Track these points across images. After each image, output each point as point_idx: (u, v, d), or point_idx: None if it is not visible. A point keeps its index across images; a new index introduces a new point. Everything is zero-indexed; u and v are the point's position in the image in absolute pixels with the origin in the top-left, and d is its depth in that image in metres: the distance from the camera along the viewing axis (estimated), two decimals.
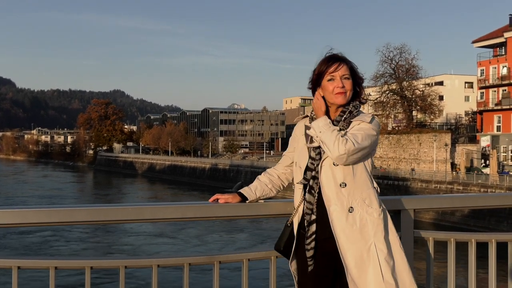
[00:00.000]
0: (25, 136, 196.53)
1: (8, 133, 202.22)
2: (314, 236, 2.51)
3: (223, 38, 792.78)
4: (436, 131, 55.70)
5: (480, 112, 57.16)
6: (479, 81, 58.16)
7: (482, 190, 39.13)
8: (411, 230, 3.00)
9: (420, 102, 58.37)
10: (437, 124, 66.53)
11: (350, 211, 2.47)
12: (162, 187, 73.45)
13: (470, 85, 77.36)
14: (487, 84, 56.09)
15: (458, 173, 46.49)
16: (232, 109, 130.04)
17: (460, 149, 53.09)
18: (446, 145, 51.59)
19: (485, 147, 52.16)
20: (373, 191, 2.55)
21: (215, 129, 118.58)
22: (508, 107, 52.06)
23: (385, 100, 58.79)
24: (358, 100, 2.66)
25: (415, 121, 61.00)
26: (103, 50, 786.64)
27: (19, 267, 2.46)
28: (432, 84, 66.14)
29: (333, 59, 2.60)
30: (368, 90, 61.07)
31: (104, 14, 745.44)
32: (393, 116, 62.25)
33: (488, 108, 55.00)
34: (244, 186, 2.79)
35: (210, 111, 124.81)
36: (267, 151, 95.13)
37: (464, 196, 3.84)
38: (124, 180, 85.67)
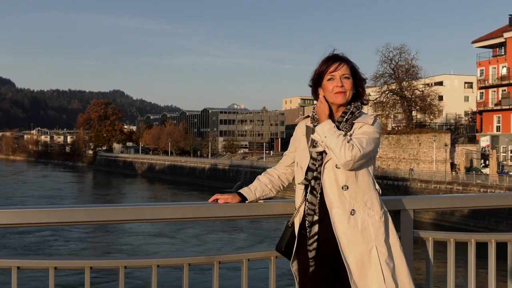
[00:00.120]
0: (25, 136, 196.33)
1: (8, 133, 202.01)
2: (317, 237, 2.51)
3: (223, 38, 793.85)
4: (436, 131, 55.66)
5: (480, 112, 57.17)
6: (479, 81, 58.16)
7: (482, 190, 39.12)
8: (411, 230, 3.00)
9: (420, 102, 58.32)
10: (437, 124, 66.50)
11: (352, 214, 2.47)
12: (162, 187, 73.42)
13: (470, 85, 77.34)
14: (487, 84, 56.10)
15: (458, 173, 46.47)
16: (232, 109, 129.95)
17: (460, 149, 53.08)
18: (446, 145, 51.56)
19: (485, 147, 52.16)
20: (375, 193, 2.55)
21: (215, 129, 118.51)
22: (508, 107, 52.07)
23: (385, 100, 58.75)
24: (360, 101, 2.66)
25: (415, 121, 60.95)
26: (103, 50, 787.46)
27: (19, 267, 2.45)
28: (432, 84, 66.10)
29: (333, 59, 2.60)
30: (368, 90, 60.25)
31: (104, 14, 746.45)
32: (393, 116, 62.19)
33: (488, 108, 55.01)
34: (244, 186, 2.79)
35: (210, 111, 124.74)
36: (267, 151, 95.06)
37: (464, 196, 3.84)
38: (124, 180, 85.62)
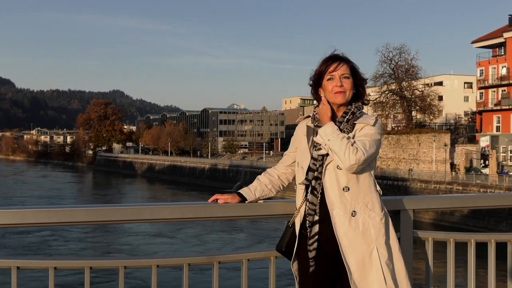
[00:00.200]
0: (25, 136, 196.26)
1: (8, 133, 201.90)
2: (317, 237, 2.51)
3: (223, 38, 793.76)
4: (436, 132, 55.66)
5: (480, 112, 57.17)
6: (479, 81, 58.17)
7: (482, 190, 39.12)
8: (411, 230, 3.00)
9: (420, 103, 58.31)
10: (437, 125, 66.46)
11: (353, 215, 2.47)
12: (162, 187, 73.39)
13: (470, 85, 77.30)
14: (487, 85, 56.10)
15: (458, 174, 46.46)
16: (232, 109, 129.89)
17: (460, 149, 53.09)
18: (446, 145, 51.56)
19: (485, 147, 52.16)
20: (376, 195, 2.55)
21: (215, 129, 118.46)
22: (508, 107, 52.08)
23: (385, 101, 58.73)
24: (361, 101, 2.65)
25: (415, 122, 60.93)
26: (103, 50, 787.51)
27: (19, 268, 2.45)
28: (432, 84, 66.05)
29: (333, 59, 2.59)
30: (368, 90, 59.24)
31: (104, 14, 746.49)
32: (393, 117, 62.18)
33: (488, 109, 55.02)
34: (244, 186, 2.78)
35: (210, 111, 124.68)
36: (267, 151, 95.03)
37: (464, 197, 3.84)
38: (124, 180, 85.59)
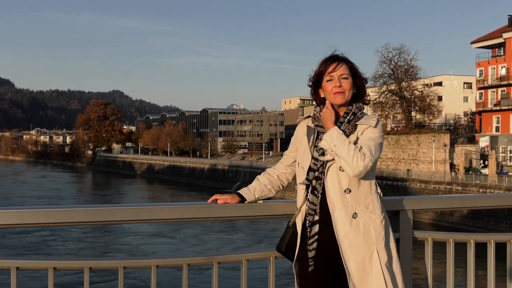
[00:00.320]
0: (24, 137, 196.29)
1: (7, 134, 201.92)
2: (317, 237, 2.51)
3: (223, 39, 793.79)
4: (435, 132, 55.66)
5: (479, 113, 57.19)
6: (478, 82, 58.17)
7: (481, 191, 39.13)
8: (410, 231, 2.99)
9: (419, 103, 58.33)
10: (436, 125, 66.48)
11: (354, 217, 2.47)
12: (161, 188, 73.38)
13: (469, 86, 77.34)
14: (486, 85, 56.11)
15: (457, 174, 46.46)
16: (231, 110, 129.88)
17: (459, 150, 53.10)
18: (445, 146, 51.56)
19: (484, 148, 52.15)
20: (376, 197, 2.55)
21: (214, 130, 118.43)
22: (507, 108, 52.10)
23: (384, 101, 58.76)
24: (362, 101, 2.65)
25: (414, 122, 60.98)
26: (103, 50, 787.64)
27: (18, 268, 2.45)
28: (431, 85, 66.09)
29: (332, 59, 2.59)
30: (367, 91, 60.57)
31: (104, 14, 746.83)
32: (392, 117, 62.18)
33: (487, 109, 55.03)
34: (243, 187, 2.78)
35: (209, 112, 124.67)
36: (266, 152, 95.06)
37: (463, 197, 3.84)
38: (123, 181, 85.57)
